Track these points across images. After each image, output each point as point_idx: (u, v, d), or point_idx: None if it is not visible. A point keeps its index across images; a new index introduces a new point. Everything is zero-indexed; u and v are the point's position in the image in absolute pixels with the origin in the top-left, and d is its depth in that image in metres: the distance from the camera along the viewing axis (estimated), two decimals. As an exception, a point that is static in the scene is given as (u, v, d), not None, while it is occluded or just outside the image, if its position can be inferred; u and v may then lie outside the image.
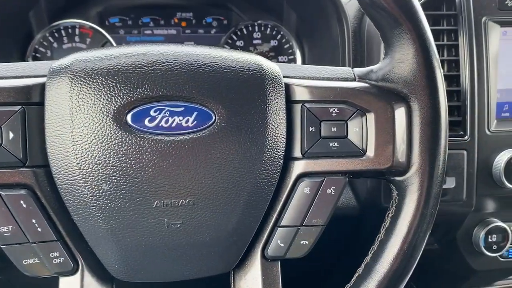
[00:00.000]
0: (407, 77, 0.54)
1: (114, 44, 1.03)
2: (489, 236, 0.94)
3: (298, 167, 0.54)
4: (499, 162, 0.86)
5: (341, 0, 0.89)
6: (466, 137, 0.86)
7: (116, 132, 0.48)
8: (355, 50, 0.90)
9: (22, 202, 0.48)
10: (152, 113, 0.49)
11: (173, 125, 0.49)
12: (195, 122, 0.49)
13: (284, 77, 0.55)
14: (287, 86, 0.55)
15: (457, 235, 0.96)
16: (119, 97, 0.48)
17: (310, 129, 0.54)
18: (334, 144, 0.54)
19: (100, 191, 0.49)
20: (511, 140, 0.88)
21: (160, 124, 0.49)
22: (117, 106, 0.48)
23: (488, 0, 0.87)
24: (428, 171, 0.54)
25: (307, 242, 0.55)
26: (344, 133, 0.54)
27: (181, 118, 0.49)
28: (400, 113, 0.54)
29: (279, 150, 0.52)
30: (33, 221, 0.49)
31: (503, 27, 0.88)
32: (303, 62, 1.10)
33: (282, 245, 0.54)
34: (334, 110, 0.54)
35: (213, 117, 0.50)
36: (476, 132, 0.86)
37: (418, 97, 0.54)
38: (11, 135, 0.47)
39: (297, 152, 0.54)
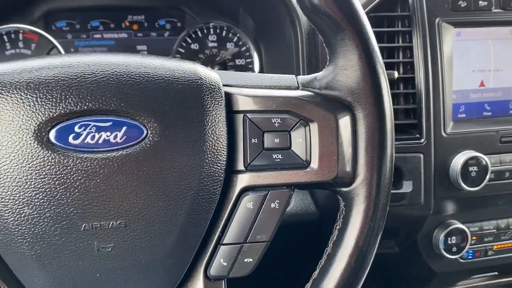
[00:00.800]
0: (351, 84, 0.52)
1: (61, 49, 0.99)
2: (449, 238, 0.93)
3: (241, 180, 0.51)
4: (456, 164, 0.86)
5: (293, 2, 0.86)
6: (422, 140, 0.85)
7: (37, 151, 0.44)
8: (309, 53, 0.88)
9: None
10: (76, 129, 0.45)
11: (100, 141, 0.45)
12: (125, 137, 0.46)
13: (224, 85, 0.53)
14: (228, 96, 0.52)
15: (417, 238, 0.95)
16: (40, 113, 0.44)
17: (253, 140, 0.52)
18: (277, 155, 0.52)
19: (22, 215, 0.45)
20: (468, 142, 0.88)
21: (85, 141, 0.45)
22: (38, 123, 0.44)
23: (441, 1, 0.86)
24: (374, 181, 0.52)
25: (251, 260, 0.52)
26: (287, 144, 0.52)
27: (108, 133, 0.46)
28: (344, 122, 0.52)
29: (219, 164, 0.50)
30: None
31: (457, 28, 0.88)
32: (261, 65, 1.08)
33: (225, 264, 0.52)
34: (276, 120, 0.52)
35: (145, 132, 0.47)
36: (432, 134, 0.86)
37: (362, 105, 0.52)
38: None
39: (239, 165, 0.52)
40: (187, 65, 0.51)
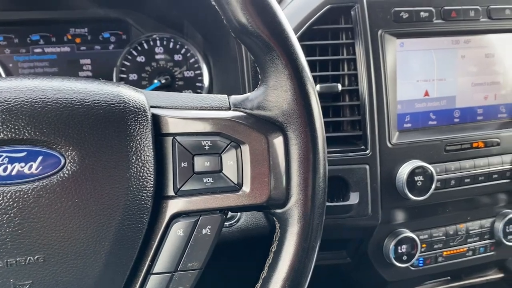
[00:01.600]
0: (282, 105, 0.51)
1: (-2, 64, 0.94)
2: (399, 247, 0.94)
3: (171, 206, 0.50)
4: (402, 174, 0.86)
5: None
6: (367, 152, 0.85)
7: None
8: (254, 66, 0.87)
9: None
10: (-14, 161, 0.42)
11: (13, 173, 0.43)
12: (40, 167, 0.44)
13: (152, 107, 0.51)
14: (156, 118, 0.50)
15: (368, 248, 0.96)
16: None
17: (183, 164, 0.50)
18: (208, 179, 0.50)
19: None
20: (413, 151, 0.89)
21: (-4, 173, 0.42)
22: None
23: (384, 12, 0.86)
24: (307, 202, 0.51)
25: (183, 289, 0.50)
26: (218, 167, 0.50)
27: (22, 164, 0.43)
28: (276, 143, 0.51)
29: (146, 191, 0.48)
30: None
31: (400, 39, 0.88)
32: (210, 77, 1.06)
33: (155, 294, 0.50)
34: (207, 143, 0.50)
35: (62, 161, 0.44)
36: (378, 145, 0.86)
37: (294, 126, 0.51)
38: None
39: (169, 190, 0.50)
40: (110, 88, 0.49)
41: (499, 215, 1.03)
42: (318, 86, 0.84)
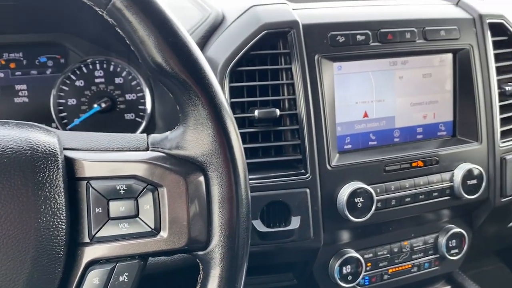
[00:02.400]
0: (202, 144, 0.50)
1: None
2: (344, 267, 0.95)
3: (87, 254, 0.48)
4: (342, 197, 0.87)
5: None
6: (307, 175, 0.85)
7: None
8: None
9: None
10: None
11: None
12: None
13: (66, 149, 0.49)
14: (70, 161, 0.48)
15: (314, 269, 0.96)
16: None
17: (97, 210, 0.48)
18: (124, 225, 0.49)
19: None
20: (353, 173, 0.89)
21: None
22: None
23: (320, 37, 0.87)
24: (229, 244, 0.51)
25: None
26: (134, 212, 0.49)
27: None
28: (196, 184, 0.50)
29: (58, 240, 0.46)
30: None
31: (337, 62, 0.89)
32: (152, 99, 1.04)
33: None
34: (122, 187, 0.49)
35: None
36: (317, 168, 0.86)
37: (214, 166, 0.50)
38: None
39: (84, 237, 0.48)
40: (18, 132, 0.47)
41: (442, 230, 1.05)
42: (256, 112, 0.83)
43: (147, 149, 0.52)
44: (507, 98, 1.04)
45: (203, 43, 0.91)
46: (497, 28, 1.02)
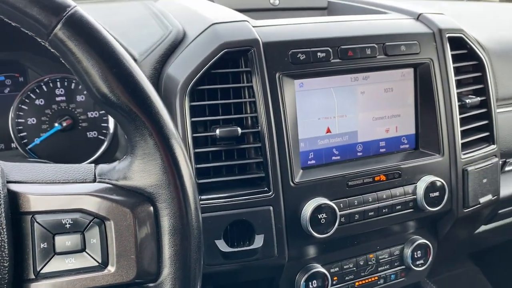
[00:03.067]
0: (150, 175, 0.50)
1: None
2: (310, 282, 0.95)
3: (32, 290, 0.47)
4: (305, 213, 0.87)
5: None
6: (270, 193, 0.85)
7: None
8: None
9: None
10: None
11: None
12: None
13: (10, 182, 0.48)
14: (13, 195, 0.47)
15: (280, 285, 0.96)
16: None
17: (42, 245, 0.47)
18: (70, 260, 0.48)
19: None
20: (316, 189, 0.90)
21: None
22: None
23: (281, 55, 0.87)
24: (180, 275, 0.50)
25: None
26: (80, 247, 0.48)
27: None
28: (144, 216, 0.50)
29: (1, 277, 0.45)
30: None
31: (298, 79, 0.90)
32: (116, 117, 1.03)
33: None
34: (67, 221, 0.48)
35: None
36: (280, 186, 0.86)
37: (163, 196, 0.50)
38: None
39: (29, 273, 0.47)
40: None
41: (407, 242, 1.06)
42: (218, 130, 0.83)
43: (94, 181, 0.51)
44: (467, 110, 1.06)
45: (163, 61, 0.90)
46: (457, 42, 1.04)
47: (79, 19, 0.47)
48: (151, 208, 0.50)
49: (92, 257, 0.48)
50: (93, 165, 0.53)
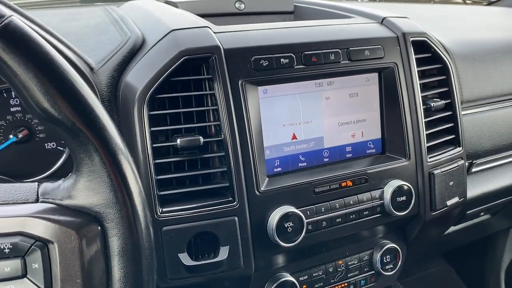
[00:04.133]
0: (96, 193, 0.47)
1: None
2: (279, 292, 0.93)
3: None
4: (271, 222, 0.85)
5: (82, 69, 0.80)
6: (235, 203, 0.83)
7: None
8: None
9: None
10: None
11: None
12: None
13: None
14: None
15: (248, 295, 0.94)
16: None
17: (-20, 271, 0.44)
18: (10, 287, 0.45)
19: None
20: (283, 197, 0.88)
21: None
22: None
23: (243, 61, 0.85)
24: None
25: None
26: (21, 272, 0.45)
27: None
28: (90, 237, 0.47)
29: None
30: None
31: (262, 86, 0.88)
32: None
33: None
34: (6, 245, 0.45)
35: None
36: (245, 195, 0.84)
37: (110, 216, 0.47)
38: None
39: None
40: None
41: (376, 247, 1.06)
42: (179, 140, 0.81)
43: (36, 201, 0.48)
44: (432, 113, 1.06)
45: (121, 69, 0.87)
46: (420, 46, 1.05)
47: (14, 30, 0.44)
48: (99, 229, 0.47)
49: (34, 283, 0.45)
50: (36, 183, 0.50)
